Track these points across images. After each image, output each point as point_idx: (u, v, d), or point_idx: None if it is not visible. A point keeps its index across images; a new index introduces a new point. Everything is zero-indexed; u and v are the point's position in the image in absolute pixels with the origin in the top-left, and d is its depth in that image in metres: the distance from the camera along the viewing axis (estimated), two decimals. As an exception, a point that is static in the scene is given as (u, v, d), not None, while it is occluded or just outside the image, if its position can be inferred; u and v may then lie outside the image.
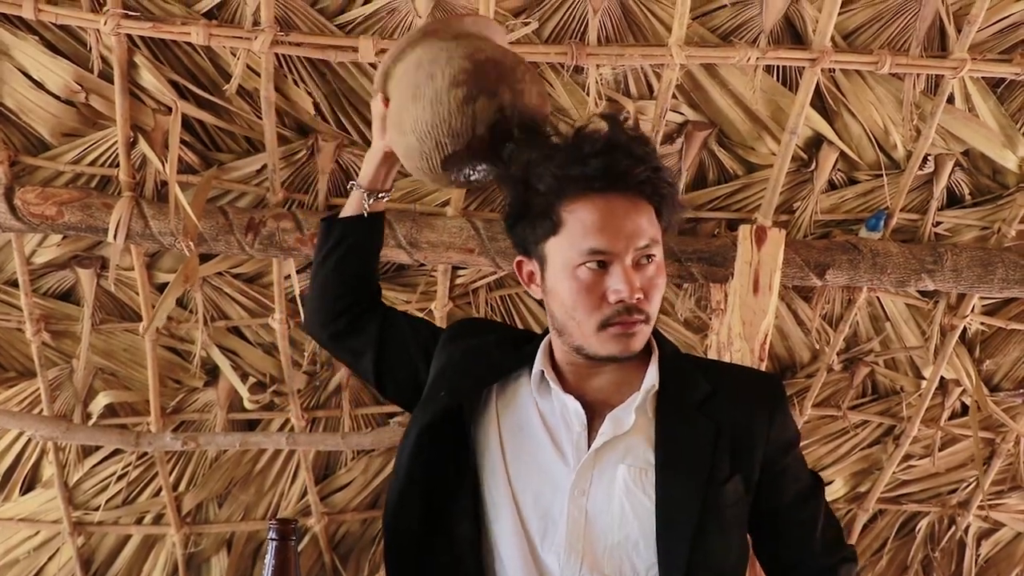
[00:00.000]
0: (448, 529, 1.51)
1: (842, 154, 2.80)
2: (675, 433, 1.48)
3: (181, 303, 2.95)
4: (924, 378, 3.22)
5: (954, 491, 3.48)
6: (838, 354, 3.16)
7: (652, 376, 1.51)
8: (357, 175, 2.73)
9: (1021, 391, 3.25)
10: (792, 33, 2.60)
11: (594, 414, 1.50)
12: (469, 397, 1.57)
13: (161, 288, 2.88)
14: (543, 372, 1.54)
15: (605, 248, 1.44)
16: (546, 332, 1.60)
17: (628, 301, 1.44)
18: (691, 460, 1.46)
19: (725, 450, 1.48)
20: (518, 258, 1.58)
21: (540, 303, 2.97)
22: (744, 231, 2.71)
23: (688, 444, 1.47)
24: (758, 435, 1.51)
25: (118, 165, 2.65)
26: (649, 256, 1.47)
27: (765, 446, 1.51)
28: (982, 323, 3.12)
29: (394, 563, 1.54)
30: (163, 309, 2.81)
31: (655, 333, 1.57)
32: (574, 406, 1.50)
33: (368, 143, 2.72)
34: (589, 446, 1.48)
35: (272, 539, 1.34)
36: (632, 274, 1.44)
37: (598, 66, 2.56)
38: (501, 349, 1.62)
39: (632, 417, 1.48)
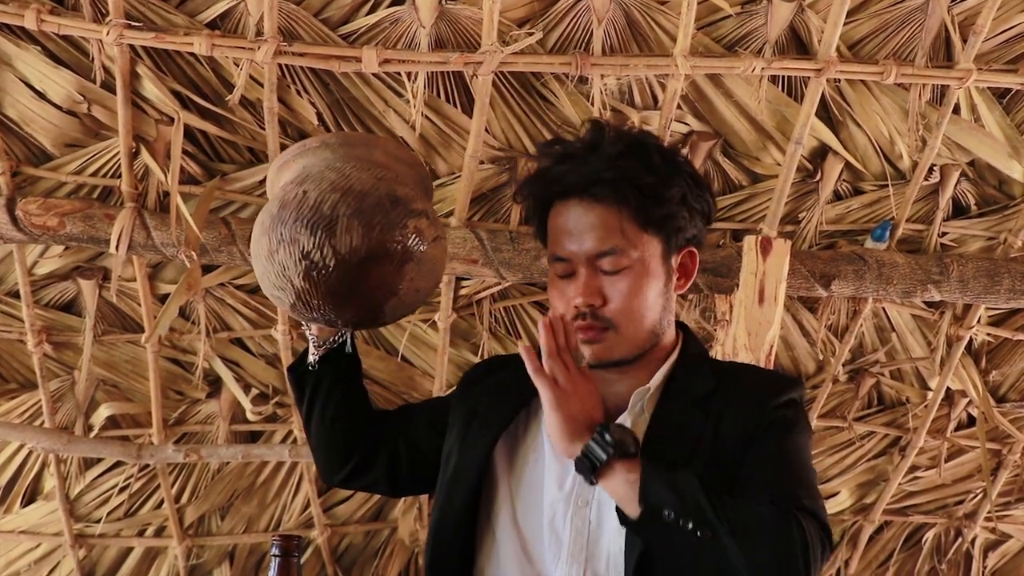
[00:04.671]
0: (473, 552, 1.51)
1: (847, 164, 2.79)
2: (662, 429, 1.43)
3: (183, 314, 2.94)
4: (930, 389, 3.21)
5: (960, 502, 3.46)
6: (843, 365, 3.15)
7: (656, 379, 1.48)
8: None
9: (1028, 402, 3.24)
10: (797, 43, 2.60)
11: (609, 421, 1.46)
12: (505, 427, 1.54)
13: (163, 299, 2.87)
14: None
15: (560, 255, 1.46)
16: None
17: (580, 308, 1.43)
18: (674, 453, 1.39)
19: (710, 442, 1.40)
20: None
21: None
22: (749, 242, 2.70)
23: (674, 439, 1.41)
24: (749, 420, 1.41)
25: (120, 176, 2.64)
26: (609, 261, 1.43)
27: (753, 424, 1.41)
28: (988, 334, 3.11)
29: None
30: (165, 318, 2.79)
31: (687, 333, 1.54)
32: None
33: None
34: None
35: (275, 555, 1.33)
36: (586, 280, 1.43)
37: (602, 76, 2.56)
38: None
39: (628, 422, 1.44)
